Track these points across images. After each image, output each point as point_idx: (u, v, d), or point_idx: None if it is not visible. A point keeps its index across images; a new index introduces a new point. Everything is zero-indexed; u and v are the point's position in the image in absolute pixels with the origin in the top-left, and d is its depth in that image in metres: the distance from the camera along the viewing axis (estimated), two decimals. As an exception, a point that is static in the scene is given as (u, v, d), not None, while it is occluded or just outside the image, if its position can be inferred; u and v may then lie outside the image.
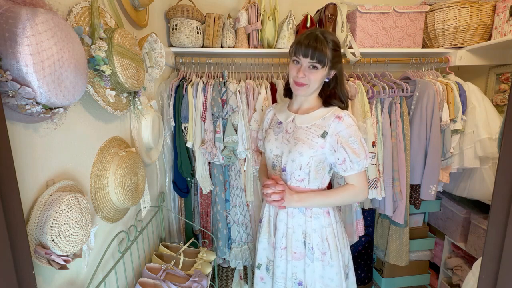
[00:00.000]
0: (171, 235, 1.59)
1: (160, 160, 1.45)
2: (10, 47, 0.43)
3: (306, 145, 0.94)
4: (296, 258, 1.01)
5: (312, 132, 0.95)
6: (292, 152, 0.95)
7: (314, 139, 0.94)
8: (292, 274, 1.02)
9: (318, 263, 0.99)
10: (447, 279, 1.79)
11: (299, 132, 0.97)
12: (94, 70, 0.70)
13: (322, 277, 1.00)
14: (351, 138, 0.91)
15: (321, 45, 0.87)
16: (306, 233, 1.00)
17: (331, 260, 0.99)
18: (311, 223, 0.99)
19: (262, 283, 1.13)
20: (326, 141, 0.93)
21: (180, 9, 1.47)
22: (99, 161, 0.80)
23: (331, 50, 0.89)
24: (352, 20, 1.57)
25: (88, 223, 0.64)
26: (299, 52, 0.90)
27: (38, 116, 0.52)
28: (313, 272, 1.00)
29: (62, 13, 0.64)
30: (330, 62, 0.90)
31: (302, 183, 0.98)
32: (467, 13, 1.45)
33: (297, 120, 1.00)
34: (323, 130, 0.93)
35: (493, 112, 1.44)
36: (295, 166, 0.96)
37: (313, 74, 0.90)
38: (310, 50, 0.87)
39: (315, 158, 0.94)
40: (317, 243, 0.99)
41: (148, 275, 1.05)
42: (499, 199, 0.45)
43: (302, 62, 0.91)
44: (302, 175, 0.97)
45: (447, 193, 1.77)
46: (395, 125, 1.45)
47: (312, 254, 0.99)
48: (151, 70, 1.13)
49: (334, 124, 0.92)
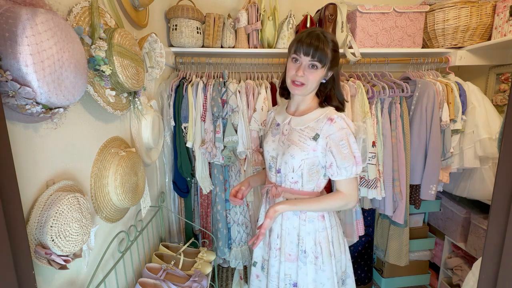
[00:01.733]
0: (171, 235, 1.59)
1: (160, 160, 1.45)
2: (10, 47, 0.43)
3: (298, 147, 0.93)
4: (289, 260, 1.01)
5: (305, 135, 0.94)
6: (285, 154, 0.95)
7: (306, 142, 0.93)
8: (285, 275, 1.01)
9: (311, 266, 0.98)
10: (447, 279, 1.79)
11: (293, 134, 0.96)
12: (94, 70, 0.70)
13: (315, 281, 0.99)
14: (342, 142, 0.89)
15: (323, 44, 0.86)
16: (299, 236, 0.99)
17: (322, 265, 0.97)
18: (305, 226, 0.98)
19: (258, 281, 1.13)
20: (318, 144, 0.91)
21: (180, 9, 1.47)
22: (99, 161, 0.80)
23: (331, 51, 0.89)
24: (352, 20, 1.57)
25: (88, 223, 0.64)
26: (299, 50, 0.89)
27: (38, 116, 0.52)
28: (305, 275, 0.99)
29: (62, 13, 0.64)
30: (329, 63, 0.90)
31: (296, 185, 0.97)
32: (467, 13, 1.45)
33: (293, 122, 1.00)
34: (315, 132, 0.92)
35: (493, 112, 1.44)
36: (288, 168, 0.95)
37: (312, 74, 0.90)
38: (311, 48, 0.86)
39: (307, 161, 0.93)
40: (310, 246, 0.98)
41: (148, 275, 1.05)
42: (499, 199, 0.45)
43: (302, 60, 0.90)
44: (295, 178, 0.96)
45: (447, 193, 1.77)
46: (395, 125, 1.45)
47: (305, 258, 0.98)
48: (151, 70, 1.13)
49: (326, 126, 0.90)
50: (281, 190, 1.00)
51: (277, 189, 1.00)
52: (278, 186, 1.01)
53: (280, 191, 1.00)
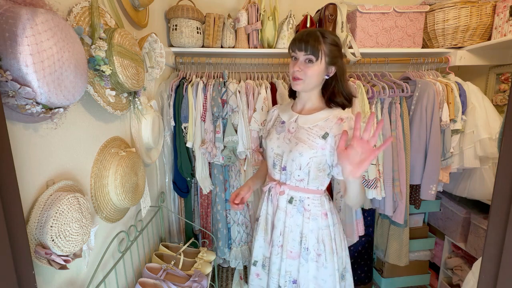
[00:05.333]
0: (171, 235, 1.59)
1: (160, 160, 1.45)
2: (10, 47, 0.43)
3: (307, 145, 0.94)
4: (291, 257, 1.02)
5: (313, 133, 0.95)
6: (293, 151, 0.96)
7: (315, 140, 0.94)
8: (286, 272, 1.02)
9: (313, 264, 1.00)
10: (447, 279, 1.79)
11: (301, 132, 0.97)
12: (94, 70, 0.70)
13: (316, 278, 1.00)
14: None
15: (314, 38, 0.89)
16: (302, 234, 1.00)
17: (325, 262, 0.99)
18: (308, 224, 0.99)
19: (258, 280, 1.13)
20: (327, 143, 0.93)
21: (180, 9, 1.47)
22: (99, 161, 0.80)
23: (328, 45, 0.90)
24: (352, 20, 1.57)
25: (88, 223, 0.64)
26: (294, 47, 0.93)
27: (38, 116, 0.52)
28: (307, 272, 1.00)
29: (62, 13, 0.64)
30: (327, 57, 0.91)
31: (301, 183, 0.99)
32: (467, 13, 1.44)
33: (300, 120, 1.00)
34: (324, 131, 0.94)
35: (493, 112, 1.44)
36: (295, 165, 0.97)
37: (309, 68, 0.91)
38: (303, 43, 0.90)
39: (315, 159, 0.94)
40: (313, 244, 0.99)
41: (148, 275, 1.05)
42: (499, 199, 0.45)
43: (299, 56, 0.93)
44: (301, 175, 0.97)
45: (447, 193, 1.77)
46: (395, 125, 1.45)
47: (307, 255, 1.00)
48: (151, 70, 1.13)
49: (336, 126, 0.92)
50: (286, 187, 1.01)
51: (281, 186, 1.02)
52: (282, 183, 1.02)
53: (284, 189, 1.01)
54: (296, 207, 1.00)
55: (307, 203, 1.00)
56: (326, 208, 1.01)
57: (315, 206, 1.00)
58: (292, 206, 1.01)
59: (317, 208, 1.00)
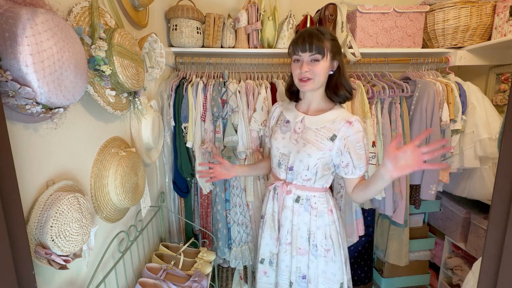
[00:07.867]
0: (171, 235, 1.59)
1: (160, 160, 1.45)
2: (10, 47, 0.43)
3: (315, 146, 0.95)
4: (300, 253, 1.05)
5: (321, 135, 0.96)
6: (301, 152, 0.97)
7: (323, 142, 0.95)
8: (297, 268, 1.06)
9: (321, 259, 1.03)
10: (447, 279, 1.79)
11: (308, 133, 0.98)
12: (94, 70, 0.70)
13: (325, 272, 1.04)
14: (358, 144, 0.93)
15: (317, 37, 0.90)
16: (310, 231, 1.03)
17: (334, 256, 1.02)
18: (316, 221, 1.02)
19: (266, 277, 1.14)
20: (335, 144, 0.95)
21: (180, 9, 1.47)
22: (99, 161, 0.80)
23: (329, 41, 0.92)
24: (352, 20, 1.57)
25: (88, 223, 0.64)
26: (297, 49, 0.93)
27: (38, 116, 0.52)
28: (316, 268, 1.04)
29: (62, 13, 0.64)
30: (330, 52, 0.92)
31: (308, 182, 1.01)
32: (467, 13, 1.44)
33: (307, 121, 1.01)
34: (332, 133, 0.95)
35: (493, 112, 1.44)
36: (302, 166, 0.98)
37: (316, 67, 0.92)
38: (307, 44, 0.90)
39: (322, 160, 0.96)
40: (321, 240, 1.02)
41: (148, 275, 1.05)
42: (499, 199, 0.45)
43: (303, 57, 0.93)
44: (309, 175, 0.99)
45: (447, 193, 1.77)
46: (395, 125, 1.45)
47: (316, 251, 1.03)
48: (151, 70, 1.13)
49: (344, 128, 0.94)
50: (292, 187, 1.03)
51: (287, 186, 1.04)
52: (288, 183, 1.04)
53: (291, 188, 1.03)
54: (303, 206, 1.03)
55: (313, 201, 1.02)
56: (331, 205, 1.04)
57: (321, 203, 1.02)
58: (299, 205, 1.03)
59: (323, 205, 1.02)
